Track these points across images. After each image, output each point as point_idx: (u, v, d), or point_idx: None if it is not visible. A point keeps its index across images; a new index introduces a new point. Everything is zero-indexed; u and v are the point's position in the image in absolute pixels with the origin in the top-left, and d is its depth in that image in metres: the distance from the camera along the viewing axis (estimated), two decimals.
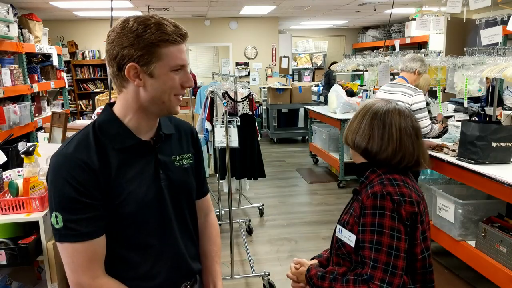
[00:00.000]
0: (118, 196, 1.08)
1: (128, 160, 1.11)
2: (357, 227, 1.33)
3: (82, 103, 8.66)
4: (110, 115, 1.13)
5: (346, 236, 1.36)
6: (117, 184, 1.08)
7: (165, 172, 1.17)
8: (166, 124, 1.23)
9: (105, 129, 1.11)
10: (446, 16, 4.61)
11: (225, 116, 3.03)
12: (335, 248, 1.42)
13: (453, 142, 3.44)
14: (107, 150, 1.08)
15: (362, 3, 6.86)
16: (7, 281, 1.89)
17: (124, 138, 1.11)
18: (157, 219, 1.15)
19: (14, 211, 1.79)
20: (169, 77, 1.08)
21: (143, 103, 1.10)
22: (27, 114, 4.60)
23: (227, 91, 3.72)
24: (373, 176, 1.38)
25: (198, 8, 7.43)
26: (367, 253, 1.29)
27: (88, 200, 1.04)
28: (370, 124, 1.38)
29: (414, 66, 3.35)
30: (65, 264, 1.08)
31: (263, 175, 4.08)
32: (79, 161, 1.04)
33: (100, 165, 1.06)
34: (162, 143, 1.18)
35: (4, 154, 2.28)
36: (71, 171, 1.03)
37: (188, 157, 1.25)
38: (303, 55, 11.39)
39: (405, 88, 3.31)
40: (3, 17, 4.18)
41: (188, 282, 1.25)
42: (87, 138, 1.09)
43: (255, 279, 3.12)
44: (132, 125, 1.13)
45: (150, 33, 1.03)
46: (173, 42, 1.06)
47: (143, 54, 1.04)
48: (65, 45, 8.24)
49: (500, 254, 2.59)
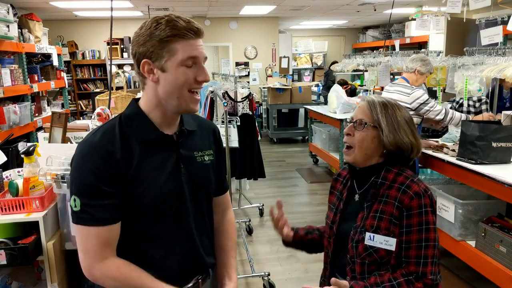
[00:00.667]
0: (138, 187, 1.12)
1: (150, 153, 1.14)
2: (397, 229, 1.29)
3: (82, 103, 8.66)
4: (135, 109, 1.18)
5: (382, 242, 1.30)
6: (138, 175, 1.11)
7: (186, 166, 1.20)
8: (189, 121, 1.26)
9: (130, 121, 1.16)
10: (446, 16, 4.61)
11: (225, 116, 3.04)
12: (360, 256, 1.33)
13: (453, 142, 3.44)
14: (130, 141, 1.13)
15: (362, 3, 6.86)
16: (7, 281, 1.89)
17: (147, 131, 1.15)
18: (175, 211, 1.17)
19: (14, 211, 1.79)
20: (180, 71, 1.11)
21: (161, 98, 1.14)
22: (27, 114, 4.60)
23: (227, 91, 3.72)
24: (391, 175, 1.35)
25: (198, 8, 7.43)
26: (413, 252, 1.28)
27: (107, 188, 1.08)
28: (395, 117, 1.34)
29: (414, 66, 3.33)
30: (78, 246, 1.12)
31: (263, 175, 4.09)
32: (103, 150, 1.09)
33: (122, 155, 1.10)
34: (184, 138, 1.21)
35: (4, 154, 2.28)
36: (94, 159, 1.08)
37: (209, 154, 1.28)
38: (303, 55, 11.39)
39: (402, 87, 3.32)
40: (3, 17, 4.18)
41: (200, 276, 1.26)
42: (113, 129, 1.13)
43: (255, 279, 3.12)
44: (155, 119, 1.16)
45: (160, 29, 1.09)
46: (183, 37, 1.10)
47: (155, 49, 1.09)
48: (65, 45, 8.24)
49: (500, 254, 2.59)
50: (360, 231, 1.34)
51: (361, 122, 1.36)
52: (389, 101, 1.39)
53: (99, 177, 1.07)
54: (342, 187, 1.49)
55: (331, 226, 1.45)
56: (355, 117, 1.39)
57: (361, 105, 1.41)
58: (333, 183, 1.56)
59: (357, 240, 1.34)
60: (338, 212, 1.44)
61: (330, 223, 1.46)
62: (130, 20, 8.29)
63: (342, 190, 1.48)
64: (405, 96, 3.24)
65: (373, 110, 1.36)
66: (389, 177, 1.35)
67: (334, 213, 1.45)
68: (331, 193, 1.55)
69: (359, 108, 1.41)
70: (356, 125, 1.36)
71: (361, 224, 1.35)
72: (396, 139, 1.33)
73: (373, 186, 1.36)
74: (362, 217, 1.36)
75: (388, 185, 1.34)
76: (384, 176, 1.36)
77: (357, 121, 1.37)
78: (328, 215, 1.50)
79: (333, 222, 1.44)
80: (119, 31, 7.98)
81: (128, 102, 1.25)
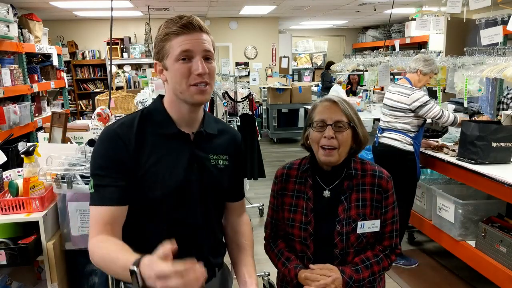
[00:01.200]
0: (147, 180, 1.15)
1: (165, 148, 1.18)
2: (379, 211, 1.42)
3: (82, 103, 8.65)
4: (158, 104, 1.23)
5: (370, 226, 1.41)
6: (148, 167, 1.15)
7: (199, 167, 1.22)
8: (211, 125, 1.29)
9: (151, 116, 1.21)
10: (446, 16, 4.61)
11: (225, 116, 3.04)
12: (354, 245, 1.40)
13: (453, 142, 3.45)
14: (147, 135, 1.18)
15: (362, 3, 6.86)
16: (7, 281, 1.89)
17: (165, 126, 1.20)
18: (181, 208, 1.19)
19: (14, 211, 1.79)
20: (176, 67, 1.14)
21: (174, 95, 1.19)
22: (27, 114, 4.59)
23: (227, 91, 3.72)
24: (358, 165, 1.45)
25: (198, 8, 7.43)
26: (388, 228, 1.45)
27: (117, 170, 1.13)
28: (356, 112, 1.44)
29: (416, 66, 3.21)
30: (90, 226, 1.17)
31: (263, 175, 4.08)
32: (117, 138, 1.15)
33: (136, 146, 1.15)
34: (202, 139, 1.23)
35: (4, 154, 2.28)
36: (109, 143, 1.15)
37: (224, 159, 1.29)
38: (303, 55, 11.39)
39: (402, 88, 3.21)
40: (3, 17, 4.18)
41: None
42: (132, 121, 1.19)
43: None
44: (173, 116, 1.21)
45: (160, 31, 1.16)
46: (176, 34, 1.13)
47: (158, 51, 1.17)
48: (65, 45, 8.24)
49: (500, 254, 2.59)
50: (348, 223, 1.39)
51: (342, 124, 1.38)
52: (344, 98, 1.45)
53: (110, 161, 1.13)
54: (301, 187, 1.47)
55: (305, 227, 1.42)
56: (329, 119, 1.38)
57: (330, 106, 1.40)
58: (282, 185, 1.50)
59: (347, 232, 1.39)
60: (310, 212, 1.43)
61: (302, 225, 1.43)
62: (130, 20, 8.29)
63: (304, 190, 1.46)
64: (404, 97, 3.15)
65: (346, 110, 1.39)
66: (357, 167, 1.44)
67: (305, 214, 1.43)
68: (284, 195, 1.49)
69: (329, 109, 1.40)
70: (337, 127, 1.38)
71: (346, 216, 1.39)
72: (364, 133, 1.43)
73: (346, 178, 1.42)
74: (343, 209, 1.40)
75: (361, 174, 1.43)
76: (354, 167, 1.44)
77: (335, 123, 1.37)
78: (295, 218, 1.45)
79: (306, 223, 1.42)
80: (119, 31, 7.98)
81: (128, 102, 1.28)
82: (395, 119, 3.19)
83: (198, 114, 1.24)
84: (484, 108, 4.45)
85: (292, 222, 1.46)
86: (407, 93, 3.14)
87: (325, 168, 1.44)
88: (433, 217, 3.26)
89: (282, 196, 1.50)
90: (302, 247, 1.44)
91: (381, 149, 3.29)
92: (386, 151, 3.24)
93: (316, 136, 1.40)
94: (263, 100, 8.94)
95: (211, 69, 1.17)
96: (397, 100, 3.18)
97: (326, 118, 1.38)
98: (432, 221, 3.28)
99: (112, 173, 1.13)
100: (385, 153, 3.25)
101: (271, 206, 1.55)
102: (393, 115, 3.21)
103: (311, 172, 1.47)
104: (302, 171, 1.48)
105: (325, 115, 1.39)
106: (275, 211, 1.53)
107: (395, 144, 3.17)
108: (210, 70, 1.16)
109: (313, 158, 1.47)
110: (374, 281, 1.43)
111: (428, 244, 3.66)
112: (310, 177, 1.46)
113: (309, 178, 1.46)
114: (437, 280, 3.11)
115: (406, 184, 3.15)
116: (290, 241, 1.49)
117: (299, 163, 1.52)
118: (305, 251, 1.44)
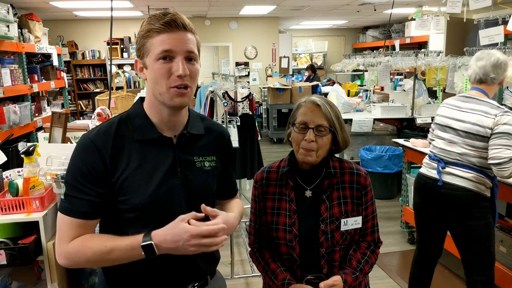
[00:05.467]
0: (125, 187, 1.10)
1: (146, 153, 1.13)
2: (360, 207, 1.46)
3: (82, 103, 8.66)
4: (138, 108, 1.18)
5: (353, 223, 1.44)
6: (127, 175, 1.10)
7: (184, 171, 1.17)
8: (196, 124, 1.23)
9: (132, 120, 1.16)
10: (446, 16, 4.61)
11: (225, 116, 3.04)
12: (339, 243, 1.42)
13: None
14: (126, 141, 1.13)
15: (362, 3, 6.86)
16: (7, 281, 1.89)
17: (146, 131, 1.15)
18: (165, 215, 1.12)
19: (14, 211, 1.79)
20: (156, 66, 1.09)
21: (153, 96, 1.14)
22: (27, 114, 4.59)
23: (227, 91, 3.72)
24: (336, 163, 1.48)
25: (198, 8, 7.43)
26: (369, 224, 1.49)
27: (89, 184, 1.09)
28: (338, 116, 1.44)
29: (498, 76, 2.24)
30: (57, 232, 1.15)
31: None
32: (93, 147, 1.10)
33: (113, 153, 1.10)
34: (185, 142, 1.18)
35: (4, 154, 2.28)
36: (84, 153, 1.11)
37: (211, 160, 1.24)
38: (303, 55, 11.39)
39: (483, 105, 2.19)
40: (3, 17, 4.18)
41: (197, 282, 1.24)
42: (110, 127, 1.14)
43: (255, 279, 3.12)
44: (154, 119, 1.16)
45: (142, 27, 1.11)
46: (158, 31, 1.07)
47: (139, 48, 1.12)
48: (65, 45, 8.24)
49: (500, 254, 2.59)
50: (331, 221, 1.41)
51: (323, 128, 1.39)
52: (328, 100, 1.46)
53: (83, 173, 1.09)
54: (282, 189, 1.47)
55: (290, 229, 1.43)
56: (311, 123, 1.39)
57: (314, 109, 1.40)
58: (263, 189, 1.50)
59: (332, 230, 1.41)
60: (293, 213, 1.43)
61: (286, 228, 1.44)
62: (130, 20, 8.29)
63: (285, 192, 1.46)
64: (488, 118, 2.14)
65: (328, 114, 1.40)
66: (336, 166, 1.47)
67: (288, 216, 1.44)
68: (265, 199, 1.49)
69: (312, 112, 1.40)
70: (318, 131, 1.39)
71: (329, 215, 1.41)
72: (344, 137, 1.45)
73: (326, 177, 1.45)
74: (326, 208, 1.42)
75: (340, 173, 1.46)
76: (333, 166, 1.46)
77: (316, 127, 1.39)
78: (278, 221, 1.46)
79: (290, 225, 1.43)
80: (119, 31, 7.98)
81: (128, 102, 1.26)
82: (473, 150, 2.20)
83: (180, 117, 1.18)
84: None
85: (276, 225, 1.46)
86: (494, 114, 2.13)
87: (304, 167, 1.46)
88: None
89: (264, 201, 1.50)
90: (288, 249, 1.44)
91: (449, 192, 2.27)
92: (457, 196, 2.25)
93: (297, 137, 1.41)
94: (263, 100, 8.94)
95: (193, 71, 1.10)
96: (476, 123, 2.18)
97: (308, 121, 1.39)
98: None
99: (85, 187, 1.09)
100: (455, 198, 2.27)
101: (253, 211, 1.54)
102: (470, 145, 2.20)
103: (291, 173, 1.47)
104: (282, 173, 1.48)
105: (307, 117, 1.40)
106: (257, 215, 1.52)
107: (472, 187, 2.22)
108: (191, 72, 1.09)
109: (293, 159, 1.48)
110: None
111: None
112: (290, 179, 1.47)
113: (289, 180, 1.47)
114: (437, 280, 3.11)
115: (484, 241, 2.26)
116: (275, 246, 1.48)
117: (277, 166, 1.52)
118: (291, 253, 1.44)
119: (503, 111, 2.13)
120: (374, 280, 3.07)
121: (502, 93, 4.53)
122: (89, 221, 1.12)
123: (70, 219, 1.10)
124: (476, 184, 2.21)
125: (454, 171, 2.26)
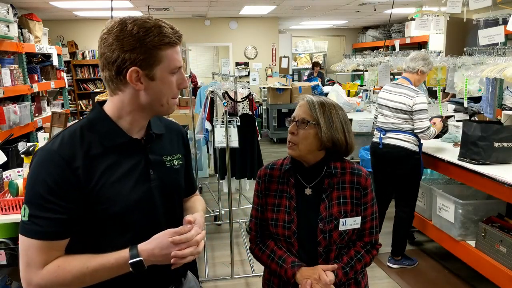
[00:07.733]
0: (102, 196, 1.05)
1: (117, 159, 1.09)
2: (359, 208, 1.46)
3: (82, 103, 8.66)
4: (101, 113, 1.12)
5: (351, 223, 1.44)
6: (102, 183, 1.06)
7: (157, 172, 1.15)
8: (157, 124, 1.22)
9: (96, 126, 1.10)
10: (445, 16, 4.61)
11: (225, 116, 3.03)
12: (337, 242, 1.44)
13: (453, 142, 3.45)
14: (93, 148, 1.06)
15: (362, 3, 6.86)
16: (7, 281, 1.89)
17: (115, 136, 1.10)
18: (145, 220, 1.12)
19: (14, 211, 1.79)
20: (169, 79, 1.08)
21: (141, 105, 1.09)
22: (27, 114, 4.59)
23: (227, 91, 3.72)
24: (338, 164, 1.49)
25: (198, 8, 7.43)
26: (368, 225, 1.49)
27: (60, 201, 1.01)
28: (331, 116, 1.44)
29: (416, 66, 3.13)
30: (20, 257, 1.05)
31: None
32: (59, 159, 1.02)
33: (83, 163, 1.04)
34: (153, 142, 1.17)
35: (4, 154, 2.28)
36: (49, 168, 1.02)
37: (178, 158, 1.24)
38: (303, 55, 11.39)
39: (405, 89, 3.09)
40: (3, 17, 4.18)
41: (173, 286, 1.23)
42: (72, 136, 1.07)
43: (255, 279, 3.12)
44: (124, 125, 1.11)
45: (152, 36, 1.03)
46: (173, 45, 1.07)
47: (146, 57, 1.03)
48: (65, 45, 8.24)
49: (500, 254, 2.59)
50: (330, 221, 1.43)
51: (304, 121, 1.44)
52: (327, 101, 1.48)
53: (52, 189, 1.00)
54: (283, 187, 1.50)
55: (288, 226, 1.46)
56: (297, 116, 1.46)
57: (302, 105, 1.48)
58: (265, 185, 1.53)
59: (330, 230, 1.42)
60: (292, 210, 1.46)
61: (285, 224, 1.46)
62: None
63: (286, 189, 1.49)
64: (408, 99, 3.03)
65: (312, 109, 1.44)
66: (337, 166, 1.48)
67: (288, 213, 1.47)
68: (267, 195, 1.52)
69: (300, 107, 1.48)
70: (299, 124, 1.44)
71: (328, 214, 1.43)
72: (332, 136, 1.43)
73: (327, 177, 1.46)
74: (325, 207, 1.44)
75: (340, 173, 1.47)
76: (334, 165, 1.48)
77: (299, 120, 1.45)
78: (278, 218, 1.48)
79: (289, 222, 1.46)
80: None
81: None
82: (401, 120, 3.09)
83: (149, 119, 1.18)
84: (484, 108, 4.45)
85: (275, 221, 1.48)
86: (411, 96, 3.03)
87: (305, 165, 1.48)
88: (433, 217, 3.26)
89: (266, 197, 1.53)
90: (287, 246, 1.48)
91: (387, 150, 3.16)
92: (392, 152, 3.13)
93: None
94: (263, 100, 8.94)
95: None
96: (401, 102, 3.08)
97: (295, 115, 1.47)
98: (432, 221, 3.27)
99: (53, 204, 1.01)
100: (391, 154, 3.14)
101: (255, 207, 1.56)
102: (399, 117, 3.10)
103: (292, 171, 1.50)
104: (284, 171, 1.51)
105: (295, 112, 1.48)
106: (259, 211, 1.54)
107: (403, 145, 3.07)
108: None
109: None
110: (357, 277, 1.50)
111: (428, 244, 3.66)
112: (292, 176, 1.50)
113: (291, 177, 1.50)
114: (437, 280, 3.11)
115: (411, 184, 3.16)
116: (276, 241, 1.52)
117: (281, 163, 1.55)
118: (290, 249, 1.47)
119: (417, 94, 3.04)
120: (374, 280, 3.07)
121: (502, 93, 4.52)
122: (60, 241, 1.04)
123: (39, 242, 1.01)
124: (406, 142, 3.08)
125: (391, 135, 3.15)
